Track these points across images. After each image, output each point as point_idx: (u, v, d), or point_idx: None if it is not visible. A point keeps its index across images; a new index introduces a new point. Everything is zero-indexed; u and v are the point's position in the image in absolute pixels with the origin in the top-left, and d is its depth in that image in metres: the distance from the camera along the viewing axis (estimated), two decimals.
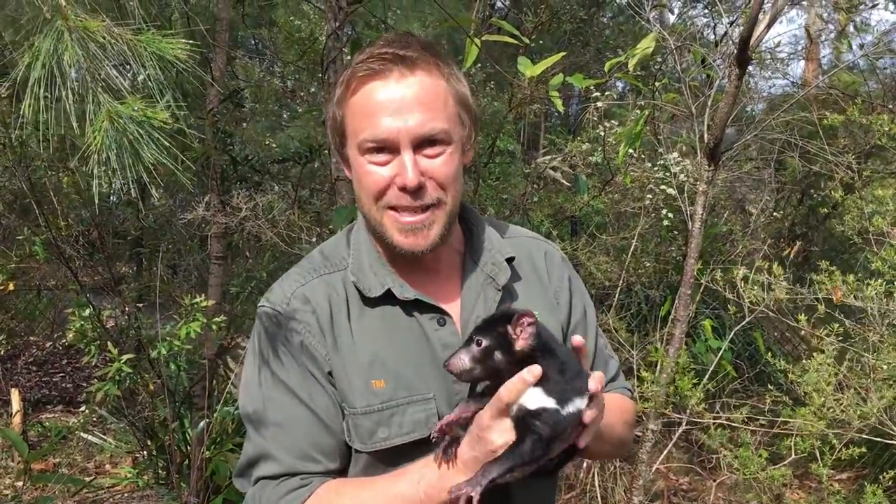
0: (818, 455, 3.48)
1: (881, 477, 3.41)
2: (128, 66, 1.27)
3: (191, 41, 1.34)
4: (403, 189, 1.59)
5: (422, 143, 1.59)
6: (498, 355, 1.46)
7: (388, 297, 1.69)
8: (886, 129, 4.83)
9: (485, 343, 1.47)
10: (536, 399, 1.42)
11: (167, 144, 1.27)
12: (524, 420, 1.41)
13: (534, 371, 1.41)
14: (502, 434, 1.42)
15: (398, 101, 1.56)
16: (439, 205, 1.64)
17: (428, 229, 1.64)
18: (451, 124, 1.63)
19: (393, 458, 1.61)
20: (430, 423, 1.63)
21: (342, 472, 1.67)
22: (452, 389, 1.67)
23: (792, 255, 4.30)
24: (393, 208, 1.62)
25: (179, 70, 1.33)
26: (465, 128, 1.69)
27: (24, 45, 1.23)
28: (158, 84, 1.30)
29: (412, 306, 1.69)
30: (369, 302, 1.69)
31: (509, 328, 1.45)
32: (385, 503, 1.53)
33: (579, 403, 1.46)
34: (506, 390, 1.40)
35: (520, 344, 1.45)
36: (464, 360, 1.47)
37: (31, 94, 1.21)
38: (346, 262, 1.74)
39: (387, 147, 1.59)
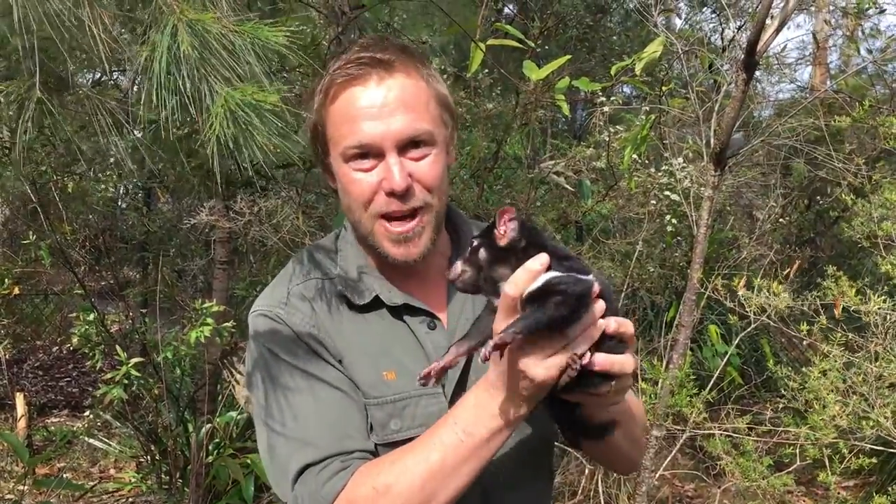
0: (826, 463, 3.46)
1: (890, 488, 3.38)
2: (233, 56, 1.33)
3: (293, 27, 1.42)
4: (391, 193, 1.58)
5: (406, 146, 1.58)
6: (482, 253, 1.44)
7: (377, 304, 1.69)
8: (895, 131, 4.79)
9: (474, 243, 1.45)
10: (544, 277, 1.37)
11: (279, 125, 1.35)
12: (539, 294, 1.35)
13: (541, 259, 1.35)
14: None
15: (379, 105, 1.55)
16: (427, 208, 1.63)
17: (418, 237, 1.63)
18: (435, 125, 1.62)
19: None
20: (443, 416, 1.61)
21: (377, 455, 1.62)
22: (447, 393, 1.66)
23: (793, 274, 4.26)
24: (384, 216, 1.61)
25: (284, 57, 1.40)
26: (448, 128, 1.68)
27: (139, 42, 1.31)
28: (264, 71, 1.36)
29: (402, 311, 1.69)
30: (360, 309, 1.69)
31: (495, 229, 1.43)
32: (427, 457, 1.48)
33: (590, 278, 1.40)
34: (511, 285, 1.34)
35: (502, 240, 1.42)
36: (456, 266, 1.45)
37: (156, 85, 1.27)
38: (333, 271, 1.74)
39: (371, 152, 1.58)
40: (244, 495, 4.63)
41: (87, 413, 6.71)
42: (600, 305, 1.40)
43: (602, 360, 1.40)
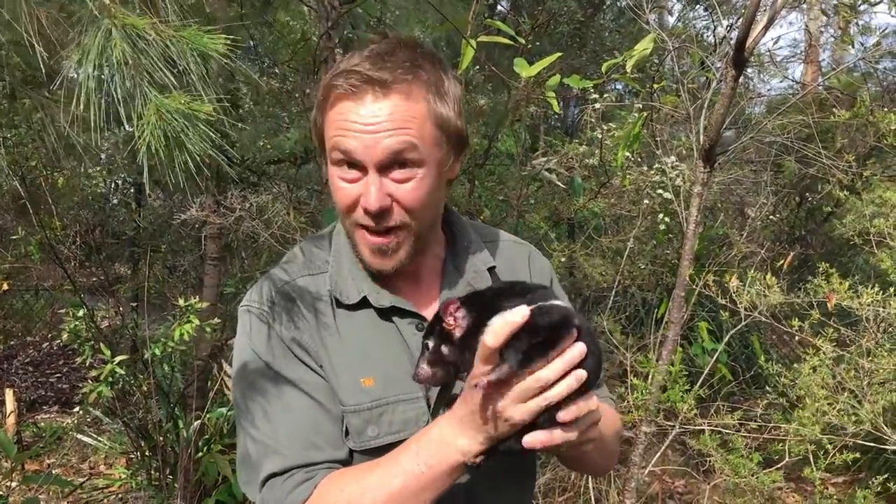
0: (812, 459, 3.47)
1: (871, 482, 3.40)
2: (171, 62, 1.30)
3: (231, 36, 1.37)
4: (366, 211, 1.58)
5: (390, 166, 1.56)
6: (445, 350, 1.46)
7: (366, 303, 1.69)
8: (894, 127, 4.80)
9: (431, 345, 1.48)
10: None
11: (212, 136, 1.31)
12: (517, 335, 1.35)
13: (521, 311, 1.33)
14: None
15: (368, 123, 1.54)
16: (404, 227, 1.62)
17: (394, 251, 1.64)
18: (426, 146, 1.59)
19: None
20: (420, 422, 1.63)
21: (348, 464, 1.64)
22: (431, 397, 1.66)
23: (786, 266, 4.26)
24: (362, 226, 1.63)
25: (221, 65, 1.36)
26: (443, 149, 1.65)
27: (72, 45, 1.26)
28: (201, 79, 1.32)
29: (390, 312, 1.69)
30: (348, 307, 1.70)
31: (443, 324, 1.46)
32: (389, 481, 1.49)
33: (557, 301, 1.42)
34: (491, 336, 1.33)
35: (457, 331, 1.45)
36: (425, 369, 1.49)
37: (82, 90, 1.25)
38: (327, 265, 1.75)
39: (355, 165, 1.58)
40: (233, 491, 4.62)
41: (76, 409, 6.70)
42: (579, 349, 1.39)
43: (542, 439, 1.40)
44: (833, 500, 3.58)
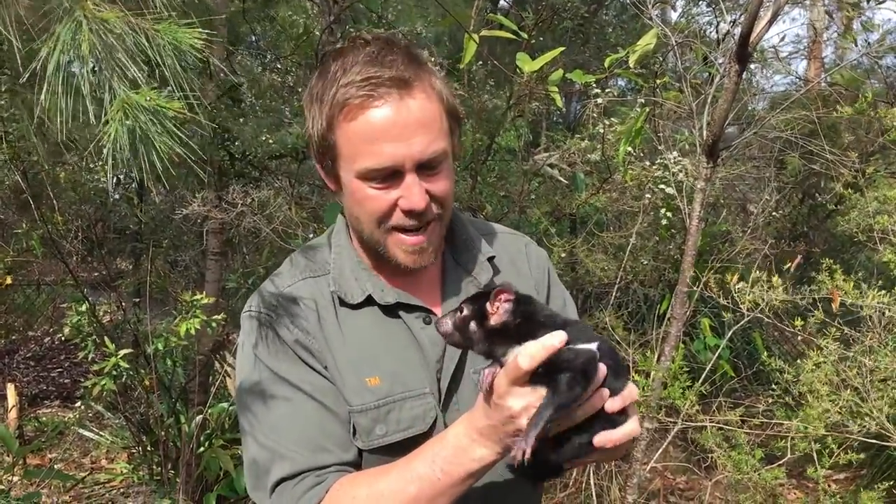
0: (815, 457, 3.46)
1: (877, 486, 3.39)
2: (146, 56, 1.27)
3: (206, 30, 1.34)
4: (409, 212, 1.58)
5: (423, 166, 1.57)
6: (473, 326, 1.46)
7: (370, 302, 1.69)
8: None
9: (465, 312, 1.47)
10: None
11: (179, 135, 1.27)
12: (548, 366, 1.36)
13: (559, 336, 1.36)
14: (520, 398, 1.37)
15: (400, 127, 1.53)
16: (438, 218, 1.65)
17: (431, 246, 1.66)
18: (447, 140, 1.62)
19: (395, 454, 1.59)
20: (428, 417, 1.63)
21: (357, 465, 1.64)
22: (443, 388, 1.67)
23: (792, 269, 4.23)
24: (397, 229, 1.62)
25: (198, 60, 1.33)
26: (455, 135, 1.69)
27: (46, 35, 1.23)
28: (175, 74, 1.28)
29: (396, 307, 1.69)
30: (353, 307, 1.69)
31: (488, 304, 1.45)
32: (403, 488, 1.49)
33: (590, 346, 1.42)
34: (526, 358, 1.35)
35: (493, 319, 1.44)
36: (447, 324, 1.48)
37: (48, 84, 1.22)
38: (328, 267, 1.74)
39: (390, 173, 1.56)
40: (235, 486, 4.63)
41: (78, 404, 6.70)
42: (601, 373, 1.42)
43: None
44: (837, 499, 3.57)
